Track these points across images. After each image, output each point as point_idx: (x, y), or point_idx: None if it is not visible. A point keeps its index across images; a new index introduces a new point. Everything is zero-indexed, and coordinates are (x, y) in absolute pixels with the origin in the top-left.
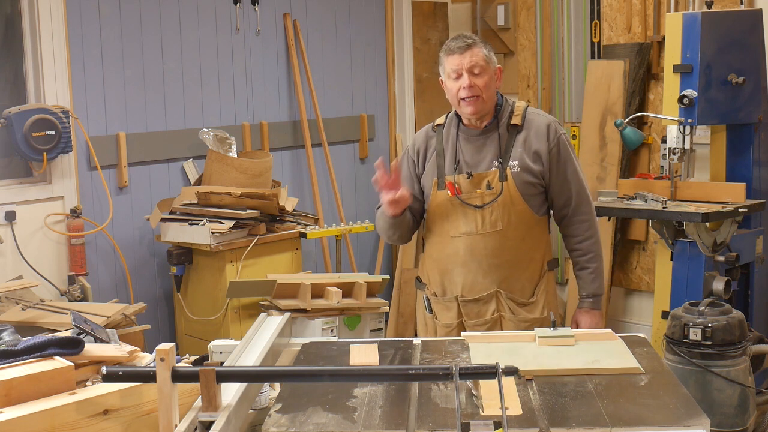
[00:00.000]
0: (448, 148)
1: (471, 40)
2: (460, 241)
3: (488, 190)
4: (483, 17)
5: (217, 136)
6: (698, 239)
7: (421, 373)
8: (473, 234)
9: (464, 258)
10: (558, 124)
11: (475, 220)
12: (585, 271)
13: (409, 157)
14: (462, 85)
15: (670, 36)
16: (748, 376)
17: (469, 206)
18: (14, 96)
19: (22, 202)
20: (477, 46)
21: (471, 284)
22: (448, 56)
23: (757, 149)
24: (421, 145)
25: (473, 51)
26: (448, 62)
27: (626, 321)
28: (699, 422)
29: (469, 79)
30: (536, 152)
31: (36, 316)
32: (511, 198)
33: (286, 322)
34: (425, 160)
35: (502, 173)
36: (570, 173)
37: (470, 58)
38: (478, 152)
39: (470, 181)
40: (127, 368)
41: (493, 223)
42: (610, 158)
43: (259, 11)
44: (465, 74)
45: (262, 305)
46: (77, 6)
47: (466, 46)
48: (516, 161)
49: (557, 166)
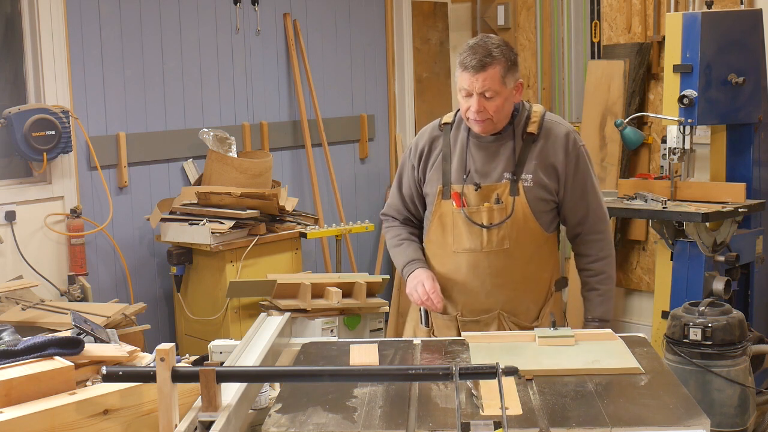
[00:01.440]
0: (456, 153)
1: (489, 58)
2: (462, 257)
3: (497, 205)
4: (483, 17)
5: (217, 136)
6: (698, 239)
7: (421, 373)
8: (477, 251)
9: (466, 276)
10: (577, 135)
11: (480, 237)
12: (594, 293)
13: (410, 162)
14: (471, 106)
15: (670, 36)
16: (748, 376)
17: (475, 224)
18: (14, 96)
19: (22, 202)
20: (494, 65)
21: (472, 304)
22: (461, 70)
23: (757, 149)
24: (425, 145)
25: (488, 73)
26: (460, 77)
27: (626, 321)
28: (699, 422)
29: (478, 103)
30: (552, 165)
31: (36, 316)
32: (522, 216)
33: (286, 322)
34: (428, 163)
35: (514, 187)
36: (588, 189)
37: (483, 82)
38: (490, 161)
39: (478, 193)
40: (127, 368)
41: (499, 241)
42: (610, 158)
43: (259, 11)
44: (475, 96)
45: (262, 305)
46: (77, 6)
47: (481, 66)
48: (530, 175)
49: (574, 180)
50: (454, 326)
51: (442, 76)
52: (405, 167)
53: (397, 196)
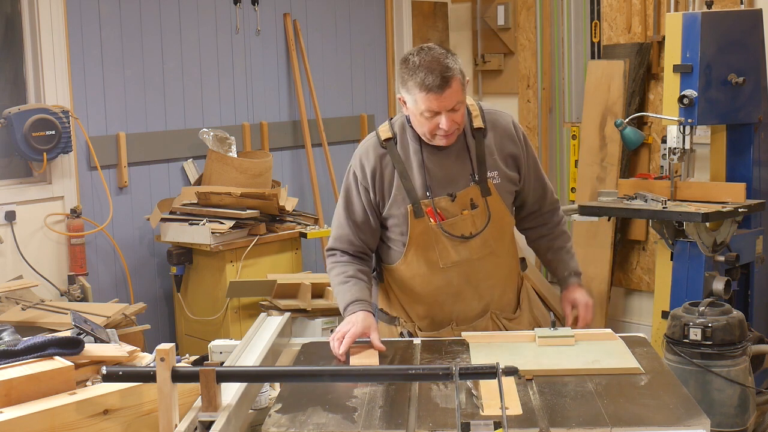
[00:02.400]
0: (413, 168)
1: (449, 72)
2: (452, 271)
3: (474, 210)
4: (483, 17)
5: (217, 136)
6: (698, 239)
7: (421, 373)
8: (468, 260)
9: (459, 288)
10: (516, 119)
11: (466, 246)
12: (562, 251)
13: (360, 185)
14: (440, 124)
15: (670, 36)
16: (748, 376)
17: (457, 238)
18: (14, 96)
19: (22, 202)
20: (454, 76)
21: (465, 312)
22: (422, 93)
23: (757, 149)
24: (375, 167)
25: (452, 87)
26: (421, 99)
27: (626, 321)
28: (699, 422)
29: (449, 122)
30: (511, 156)
31: (36, 316)
32: (499, 213)
33: (286, 322)
34: (384, 184)
35: (484, 187)
36: (538, 167)
37: (450, 98)
38: (451, 167)
39: (455, 202)
40: (127, 368)
41: (485, 245)
42: (610, 158)
43: (259, 11)
44: (444, 114)
45: (262, 305)
46: (77, 6)
47: (444, 82)
48: (495, 171)
49: (527, 164)
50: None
51: None
52: (351, 193)
53: (348, 226)
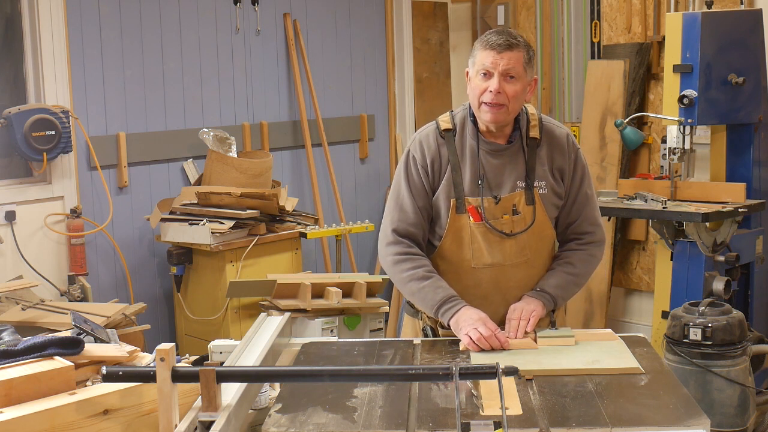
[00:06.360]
0: (467, 162)
1: (515, 40)
2: (483, 273)
3: (515, 216)
4: (483, 17)
5: (217, 136)
6: (698, 239)
7: (421, 373)
8: (499, 265)
9: (487, 291)
10: (573, 137)
11: (501, 250)
12: (553, 270)
13: (420, 167)
14: (489, 87)
15: (670, 36)
16: (748, 376)
17: (498, 233)
18: (14, 96)
19: (22, 202)
20: (520, 48)
21: (490, 316)
22: (483, 50)
23: (757, 149)
24: (435, 154)
25: (513, 53)
26: (481, 56)
27: (626, 321)
28: (699, 422)
29: (498, 83)
30: (560, 169)
31: (36, 316)
32: (540, 224)
33: (286, 322)
34: (438, 174)
35: (529, 196)
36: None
37: (507, 61)
38: (502, 170)
39: (498, 205)
40: (127, 368)
41: (520, 252)
42: (610, 158)
43: (259, 11)
44: (496, 76)
45: (262, 305)
46: (77, 6)
47: (508, 46)
48: (543, 181)
49: (571, 181)
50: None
51: (442, 76)
52: (411, 176)
53: (413, 209)
